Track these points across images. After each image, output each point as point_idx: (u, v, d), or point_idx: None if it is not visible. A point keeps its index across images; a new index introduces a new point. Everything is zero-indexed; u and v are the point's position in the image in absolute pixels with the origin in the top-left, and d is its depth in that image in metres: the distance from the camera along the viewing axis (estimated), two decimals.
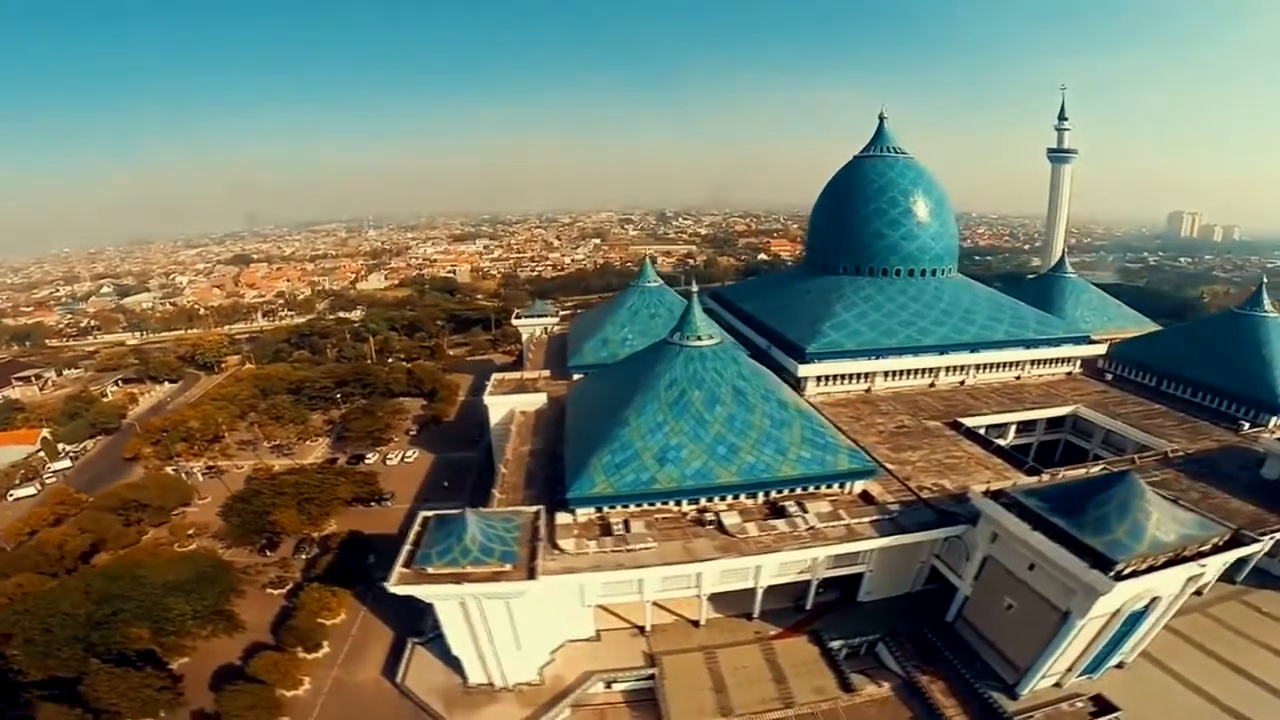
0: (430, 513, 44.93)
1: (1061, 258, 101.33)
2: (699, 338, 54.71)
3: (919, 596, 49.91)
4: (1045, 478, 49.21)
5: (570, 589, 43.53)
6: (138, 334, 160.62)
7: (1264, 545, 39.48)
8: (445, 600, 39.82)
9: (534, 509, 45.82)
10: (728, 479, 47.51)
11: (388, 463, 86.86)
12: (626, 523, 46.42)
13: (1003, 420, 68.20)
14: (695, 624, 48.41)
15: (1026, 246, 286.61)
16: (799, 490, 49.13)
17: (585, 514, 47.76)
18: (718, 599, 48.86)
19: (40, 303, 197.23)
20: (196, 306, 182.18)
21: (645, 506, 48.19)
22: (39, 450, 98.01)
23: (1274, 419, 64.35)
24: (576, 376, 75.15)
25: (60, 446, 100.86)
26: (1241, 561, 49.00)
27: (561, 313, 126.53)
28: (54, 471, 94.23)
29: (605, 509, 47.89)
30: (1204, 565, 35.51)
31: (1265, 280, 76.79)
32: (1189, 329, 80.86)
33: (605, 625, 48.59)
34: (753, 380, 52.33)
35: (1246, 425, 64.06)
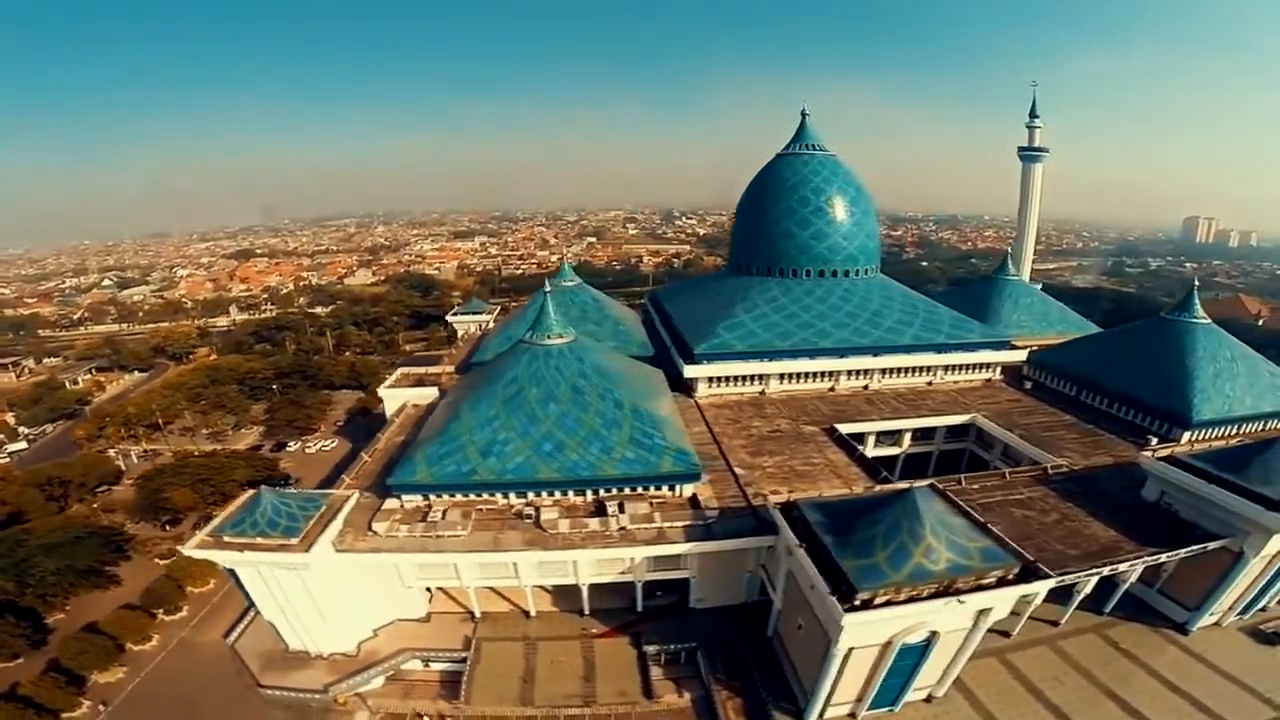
0: (253, 490, 46.21)
1: (1004, 260, 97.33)
2: (548, 336, 54.55)
3: (754, 608, 48.50)
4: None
5: (385, 569, 44.81)
6: (125, 325, 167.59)
7: (1051, 583, 35.38)
8: (237, 567, 42.07)
9: (349, 493, 47.33)
10: (548, 475, 47.23)
11: (307, 451, 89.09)
12: (445, 512, 46.72)
13: (894, 427, 65.93)
14: (527, 614, 48.76)
15: None
16: (627, 490, 48.40)
17: (412, 501, 48.22)
18: (559, 594, 49.29)
19: (44, 294, 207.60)
20: (184, 300, 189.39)
21: (472, 498, 48.31)
22: None
23: (1186, 434, 60.20)
24: None
25: (20, 430, 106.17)
26: (1110, 588, 45.91)
27: (515, 308, 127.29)
28: (9, 453, 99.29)
29: (431, 497, 48.24)
30: (964, 601, 32.25)
31: (1198, 283, 71.89)
32: (1114, 335, 76.76)
33: (444, 609, 49.89)
34: (593, 379, 51.77)
35: (1155, 440, 60.03)
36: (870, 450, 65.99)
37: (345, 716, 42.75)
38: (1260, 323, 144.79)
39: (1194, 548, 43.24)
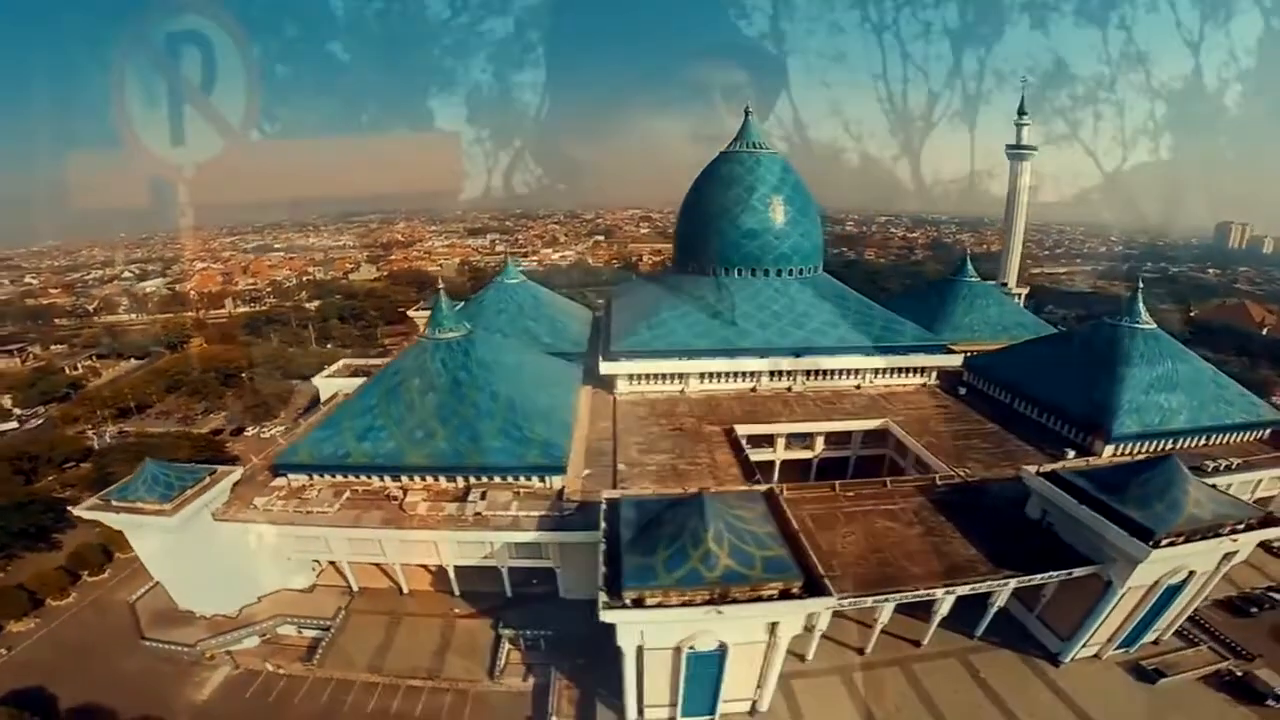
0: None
1: (963, 261, 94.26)
2: (439, 331, 56.16)
3: None
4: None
5: (264, 540, 47.53)
6: (134, 315, 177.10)
7: (832, 602, 33.03)
8: (120, 528, 46.53)
9: (233, 469, 50.45)
10: (416, 460, 49.02)
11: (262, 436, 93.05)
12: (320, 490, 49.13)
13: (802, 430, 64.77)
14: (402, 591, 50.64)
15: (1044, 253, 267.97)
16: (496, 479, 49.39)
17: (298, 480, 50.47)
18: (438, 576, 50.73)
19: (67, 285, 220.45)
20: (191, 292, 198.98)
21: (350, 479, 50.32)
22: None
23: (1108, 448, 56.73)
24: None
25: (14, 411, 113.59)
26: (979, 609, 43.17)
27: None
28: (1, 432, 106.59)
29: (315, 477, 50.47)
30: (722, 612, 31.08)
31: (1141, 285, 67.71)
32: (1051, 340, 74.02)
33: (330, 583, 52.42)
34: (475, 372, 52.96)
35: (1073, 453, 56.78)
36: (781, 453, 65.59)
37: (210, 670, 46.09)
38: (1265, 331, 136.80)
39: (1053, 574, 40.74)
